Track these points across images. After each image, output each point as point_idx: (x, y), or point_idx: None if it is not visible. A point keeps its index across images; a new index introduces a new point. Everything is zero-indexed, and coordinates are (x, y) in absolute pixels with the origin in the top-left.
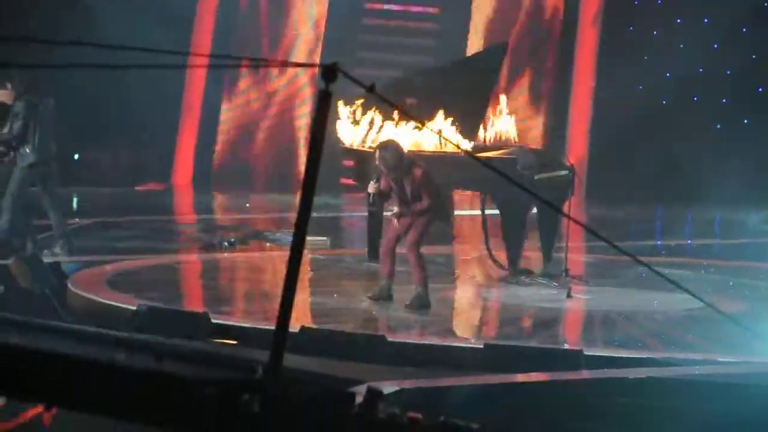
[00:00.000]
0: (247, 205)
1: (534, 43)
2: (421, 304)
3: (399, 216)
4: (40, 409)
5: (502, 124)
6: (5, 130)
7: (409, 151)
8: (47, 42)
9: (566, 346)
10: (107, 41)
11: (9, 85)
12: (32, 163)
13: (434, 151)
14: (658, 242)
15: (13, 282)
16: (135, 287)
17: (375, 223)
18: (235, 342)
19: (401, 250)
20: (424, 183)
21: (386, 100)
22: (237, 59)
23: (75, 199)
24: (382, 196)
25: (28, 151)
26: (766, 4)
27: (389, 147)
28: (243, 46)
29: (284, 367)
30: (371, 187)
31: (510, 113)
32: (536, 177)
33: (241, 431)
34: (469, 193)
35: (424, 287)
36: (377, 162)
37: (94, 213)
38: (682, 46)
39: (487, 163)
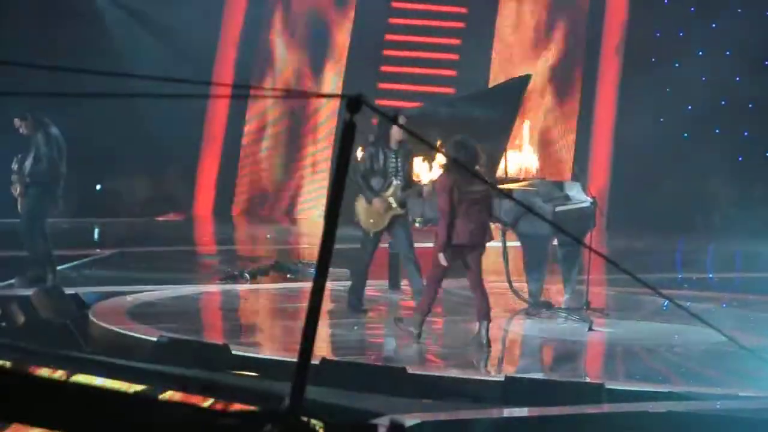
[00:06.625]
0: (268, 236)
1: (557, 75)
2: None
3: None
4: None
5: (524, 155)
6: (32, 160)
7: (430, 181)
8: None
9: (587, 380)
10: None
11: (29, 116)
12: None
13: None
14: (680, 275)
15: (34, 313)
16: (156, 318)
17: (396, 255)
18: (256, 374)
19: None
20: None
21: (408, 130)
22: (259, 90)
23: (96, 230)
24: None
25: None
26: None
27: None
28: (264, 78)
29: (306, 398)
30: None
31: (531, 145)
32: (557, 209)
33: None
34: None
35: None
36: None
37: (115, 243)
38: (704, 78)
39: (508, 194)
